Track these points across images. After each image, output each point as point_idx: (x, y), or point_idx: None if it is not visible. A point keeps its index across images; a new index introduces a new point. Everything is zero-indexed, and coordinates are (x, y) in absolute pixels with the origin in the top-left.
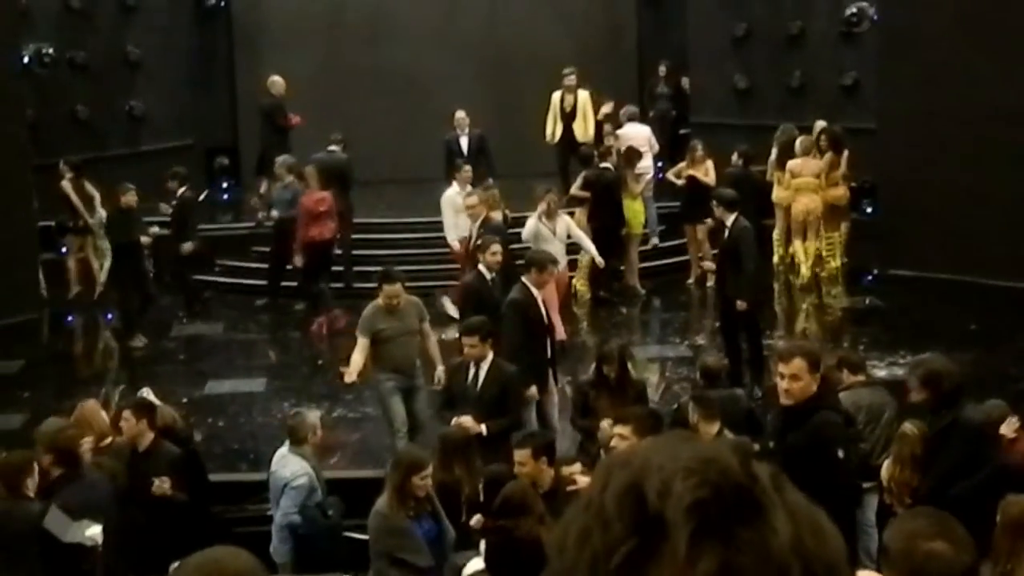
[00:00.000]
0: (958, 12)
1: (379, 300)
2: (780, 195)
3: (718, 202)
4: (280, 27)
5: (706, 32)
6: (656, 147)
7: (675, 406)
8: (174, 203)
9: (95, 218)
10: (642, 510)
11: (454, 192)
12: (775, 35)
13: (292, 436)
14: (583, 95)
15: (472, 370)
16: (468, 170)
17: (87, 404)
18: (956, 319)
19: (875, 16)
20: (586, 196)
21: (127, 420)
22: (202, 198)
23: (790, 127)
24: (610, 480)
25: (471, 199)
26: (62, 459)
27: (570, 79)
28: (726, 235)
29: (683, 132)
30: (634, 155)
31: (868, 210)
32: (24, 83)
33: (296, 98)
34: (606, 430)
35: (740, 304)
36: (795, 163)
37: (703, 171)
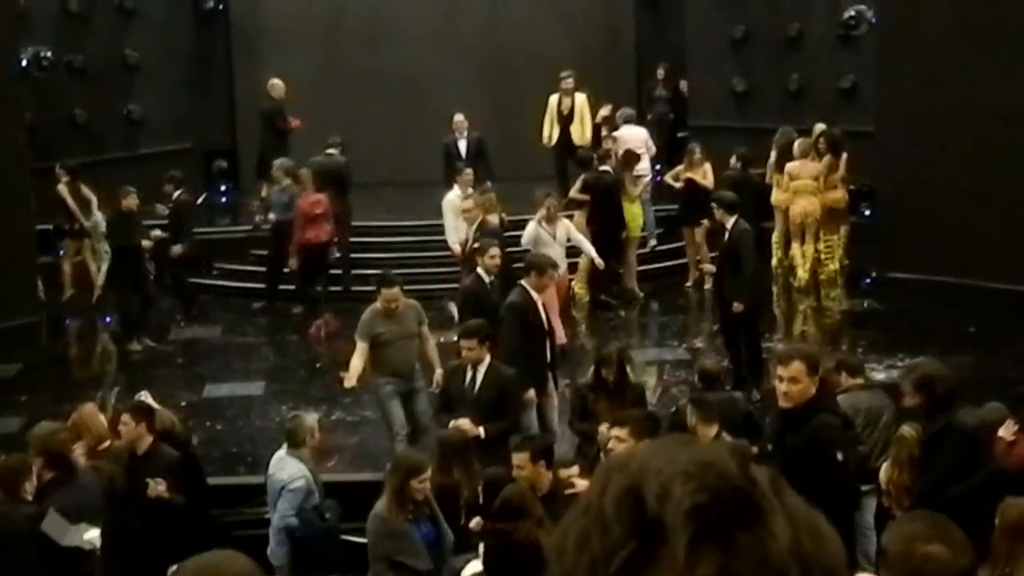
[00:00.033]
0: (956, 14)
1: (377, 304)
2: (779, 198)
3: (718, 205)
4: (278, 30)
5: (704, 35)
6: (653, 149)
7: (673, 409)
8: (170, 206)
9: (91, 221)
10: (641, 514)
11: (455, 195)
12: (773, 38)
13: (290, 439)
14: (580, 98)
15: (470, 373)
16: (469, 173)
17: (85, 408)
18: (955, 322)
19: (873, 19)
20: (585, 199)
21: (126, 423)
22: (200, 201)
23: (789, 130)
24: (609, 484)
25: (467, 203)
26: (54, 462)
27: (567, 82)
28: (726, 238)
29: (681, 135)
30: (632, 158)
31: (867, 213)
32: (22, 86)
33: (295, 101)
34: (604, 433)
35: (737, 306)
36: (793, 165)
37: (701, 174)
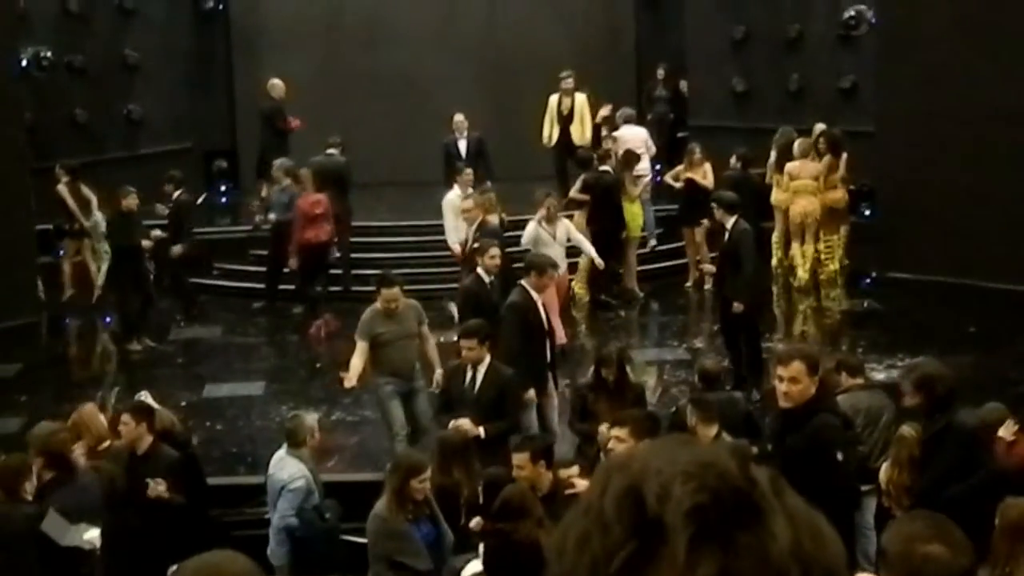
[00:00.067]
0: (956, 14)
1: (377, 304)
2: (779, 198)
3: (718, 205)
4: (278, 30)
5: (704, 35)
6: (653, 149)
7: (673, 409)
8: (170, 205)
9: (91, 221)
10: (641, 514)
11: (455, 195)
12: (773, 38)
13: (290, 439)
14: (580, 98)
15: (469, 373)
16: (469, 173)
17: (85, 408)
18: (955, 322)
19: (873, 19)
20: (585, 199)
21: (126, 423)
22: (200, 201)
23: (789, 130)
24: (609, 484)
25: (466, 203)
26: (53, 462)
27: (567, 82)
28: (726, 238)
29: (681, 135)
30: (632, 158)
31: (867, 213)
32: (22, 87)
33: (294, 101)
34: (604, 433)
35: (736, 306)
36: (793, 165)
37: (701, 174)
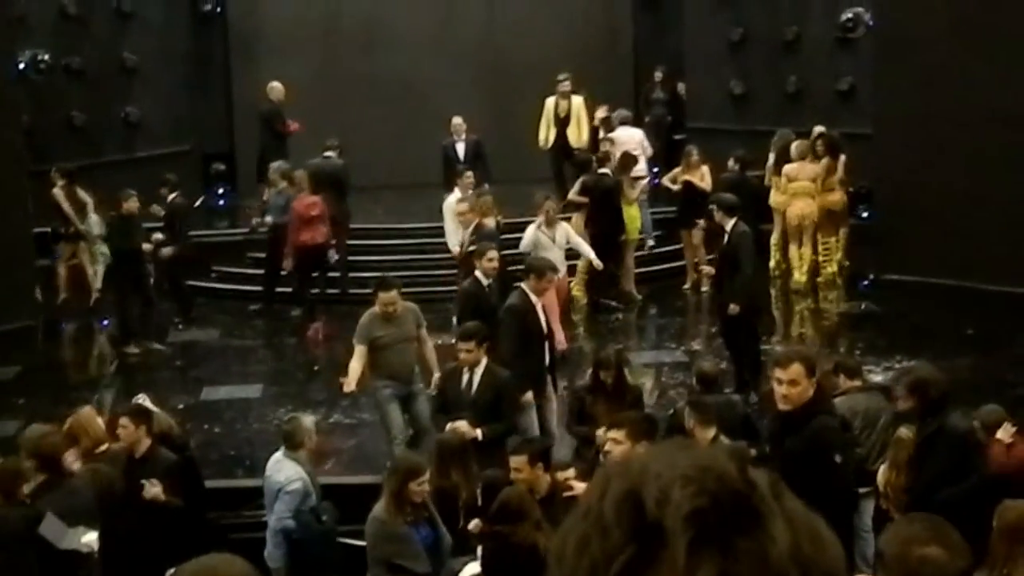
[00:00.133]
0: (953, 16)
1: (376, 307)
2: (777, 200)
3: (718, 207)
4: (276, 33)
5: (702, 37)
6: (649, 151)
7: (671, 411)
8: (165, 208)
9: (87, 224)
10: (640, 518)
11: (456, 198)
12: (771, 40)
13: (287, 441)
14: (577, 101)
15: (466, 375)
16: (470, 175)
17: (83, 411)
18: (953, 324)
19: (870, 21)
20: (584, 202)
21: (124, 426)
22: (198, 204)
23: (787, 132)
24: (608, 488)
25: (462, 206)
26: (45, 465)
27: (564, 85)
28: (726, 240)
29: (679, 137)
30: (630, 161)
31: (865, 215)
32: (20, 89)
33: (292, 104)
34: (602, 436)
35: (732, 308)
36: (791, 167)
37: (699, 176)
